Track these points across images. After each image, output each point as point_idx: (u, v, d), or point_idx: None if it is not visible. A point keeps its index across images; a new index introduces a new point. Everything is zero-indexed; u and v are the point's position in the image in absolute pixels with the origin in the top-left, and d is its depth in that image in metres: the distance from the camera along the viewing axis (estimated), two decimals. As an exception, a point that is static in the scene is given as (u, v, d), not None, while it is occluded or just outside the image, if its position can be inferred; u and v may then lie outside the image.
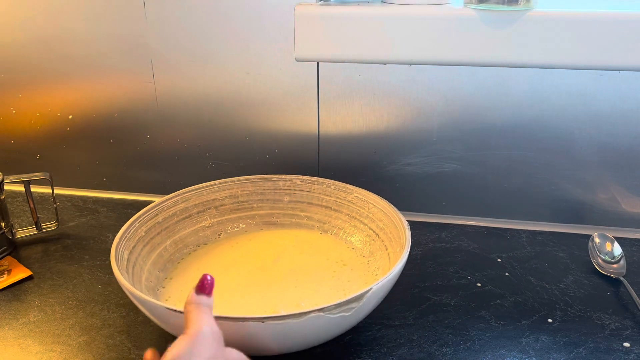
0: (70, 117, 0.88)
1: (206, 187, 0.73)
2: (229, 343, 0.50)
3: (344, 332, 0.54)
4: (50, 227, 0.78)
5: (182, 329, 0.47)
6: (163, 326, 0.53)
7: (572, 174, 0.77)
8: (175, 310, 0.48)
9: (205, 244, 0.71)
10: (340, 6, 0.70)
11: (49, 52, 0.83)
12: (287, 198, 0.75)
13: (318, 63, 0.77)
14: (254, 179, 0.75)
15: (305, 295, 0.62)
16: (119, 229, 0.62)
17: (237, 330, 0.47)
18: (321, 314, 0.48)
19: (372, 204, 0.70)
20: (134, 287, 0.53)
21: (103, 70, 0.83)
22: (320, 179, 0.74)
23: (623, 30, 0.63)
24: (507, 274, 0.68)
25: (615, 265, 0.69)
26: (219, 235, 0.72)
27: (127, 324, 0.60)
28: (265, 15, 0.75)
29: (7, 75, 0.86)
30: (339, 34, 0.70)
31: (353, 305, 0.50)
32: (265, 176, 0.75)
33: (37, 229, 0.77)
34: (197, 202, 0.72)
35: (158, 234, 0.66)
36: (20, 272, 0.68)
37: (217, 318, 0.46)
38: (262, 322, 0.47)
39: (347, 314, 0.50)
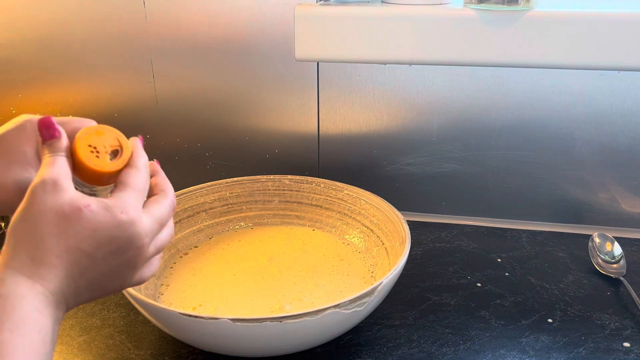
0: (70, 117, 0.87)
1: (195, 190, 0.72)
2: (244, 344, 0.49)
3: (350, 328, 0.55)
4: (50, 227, 0.77)
5: (192, 333, 0.46)
6: (169, 332, 0.53)
7: (572, 174, 0.77)
8: (191, 316, 0.48)
9: (196, 247, 0.70)
10: (340, 6, 0.70)
11: (49, 52, 0.83)
12: (276, 199, 0.75)
13: (318, 63, 0.77)
14: (242, 180, 0.74)
15: (306, 290, 0.62)
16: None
17: (253, 331, 0.47)
18: (337, 310, 0.48)
19: (364, 200, 0.70)
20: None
21: (103, 70, 0.83)
22: (309, 177, 0.74)
23: (623, 30, 0.63)
24: (507, 274, 0.68)
25: (615, 265, 0.69)
26: (210, 237, 0.72)
27: (127, 324, 0.60)
28: (265, 15, 0.75)
29: (7, 75, 0.86)
30: (339, 34, 0.70)
31: (365, 299, 0.50)
32: (254, 177, 0.75)
33: (37, 229, 0.77)
34: (186, 207, 0.71)
35: None
36: (20, 272, 0.68)
37: (234, 320, 0.46)
38: (280, 321, 0.47)
39: (360, 308, 0.50)
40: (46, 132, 0.40)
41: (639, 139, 0.73)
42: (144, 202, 0.40)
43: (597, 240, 0.71)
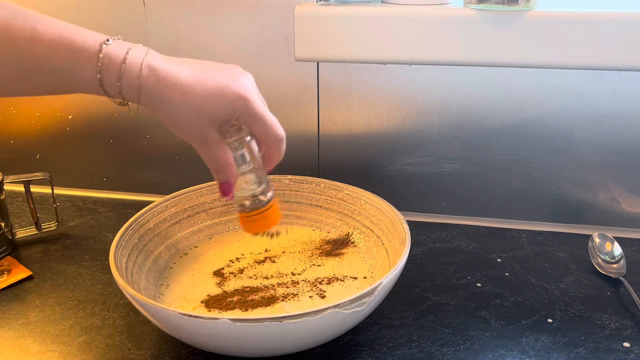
0: (70, 117, 0.87)
1: (195, 190, 0.72)
2: (244, 344, 0.49)
3: (350, 328, 0.54)
4: (50, 227, 0.78)
5: (192, 333, 0.46)
6: (169, 332, 0.53)
7: (572, 174, 0.77)
8: (191, 316, 0.47)
9: (196, 247, 0.70)
10: (340, 6, 0.70)
11: (49, 52, 0.83)
12: (276, 199, 0.75)
13: (318, 63, 0.77)
14: None
15: (306, 290, 0.62)
16: (119, 229, 0.62)
17: (253, 331, 0.47)
18: (337, 310, 0.48)
19: (364, 200, 0.70)
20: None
21: (103, 70, 0.83)
22: (309, 177, 0.74)
23: (623, 30, 0.63)
24: (507, 274, 0.68)
25: (615, 265, 0.69)
26: (210, 237, 0.72)
27: (127, 324, 0.60)
28: (265, 15, 0.75)
29: (7, 75, 0.86)
30: (339, 34, 0.70)
31: (365, 299, 0.50)
32: None
33: (37, 229, 0.77)
34: (186, 206, 0.71)
35: (151, 240, 0.66)
36: (20, 272, 0.69)
37: (233, 320, 0.46)
38: (280, 321, 0.47)
39: (360, 308, 0.50)
40: (222, 192, 0.53)
41: (639, 139, 0.73)
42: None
43: (597, 240, 0.72)
